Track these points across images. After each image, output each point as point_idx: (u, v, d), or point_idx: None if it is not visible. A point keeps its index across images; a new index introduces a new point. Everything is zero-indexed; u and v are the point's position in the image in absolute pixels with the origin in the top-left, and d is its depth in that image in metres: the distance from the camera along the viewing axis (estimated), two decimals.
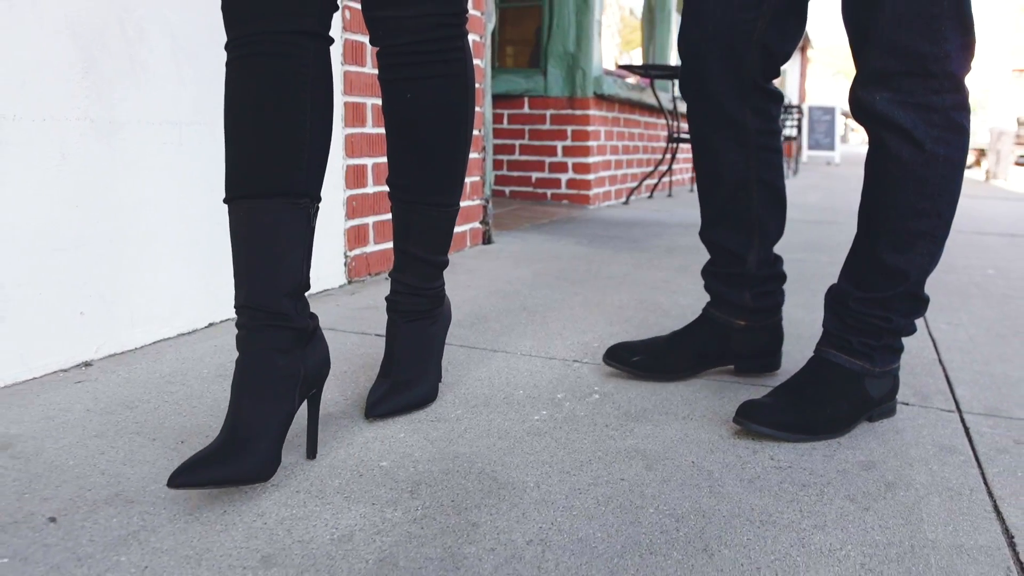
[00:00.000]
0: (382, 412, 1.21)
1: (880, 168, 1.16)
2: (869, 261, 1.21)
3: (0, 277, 1.33)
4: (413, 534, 0.89)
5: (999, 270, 2.79)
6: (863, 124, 1.18)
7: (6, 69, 1.32)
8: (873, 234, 1.20)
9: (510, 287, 2.26)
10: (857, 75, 1.15)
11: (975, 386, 1.45)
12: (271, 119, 1.00)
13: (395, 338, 1.26)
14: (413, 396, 1.25)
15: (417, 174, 1.22)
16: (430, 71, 1.18)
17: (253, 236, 1.01)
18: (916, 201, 1.15)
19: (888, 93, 1.11)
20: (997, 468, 1.10)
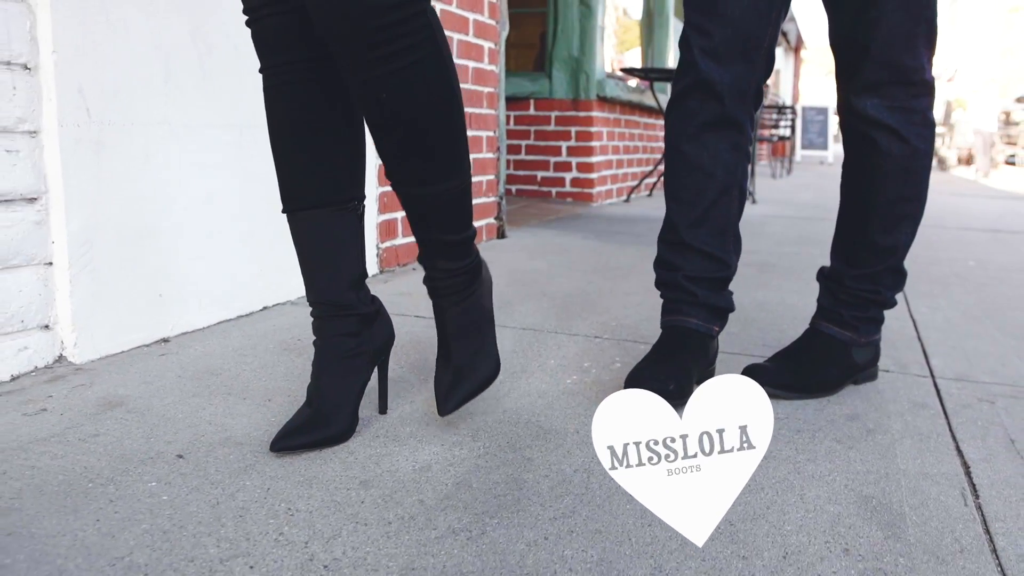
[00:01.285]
0: (453, 407, 1.19)
1: (872, 163, 1.35)
2: (861, 242, 1.39)
3: (98, 263, 1.52)
4: (480, 466, 1.09)
5: (979, 262, 3.00)
6: (855, 127, 1.36)
7: (104, 80, 1.51)
8: (864, 220, 1.38)
9: (528, 276, 2.46)
10: (848, 85, 1.34)
11: (948, 357, 1.65)
12: (312, 140, 1.14)
13: (445, 323, 1.23)
14: (477, 380, 1.21)
15: (420, 166, 1.12)
16: (398, 61, 1.04)
17: (313, 243, 1.17)
18: (903, 189, 1.35)
19: (877, 99, 1.30)
20: (961, 419, 1.30)
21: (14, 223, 1.41)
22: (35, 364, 1.46)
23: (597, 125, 4.79)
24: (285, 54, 1.12)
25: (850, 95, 1.33)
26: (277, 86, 1.14)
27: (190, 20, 1.68)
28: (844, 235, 1.44)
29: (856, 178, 1.41)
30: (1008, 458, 1.14)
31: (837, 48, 1.36)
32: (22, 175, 1.41)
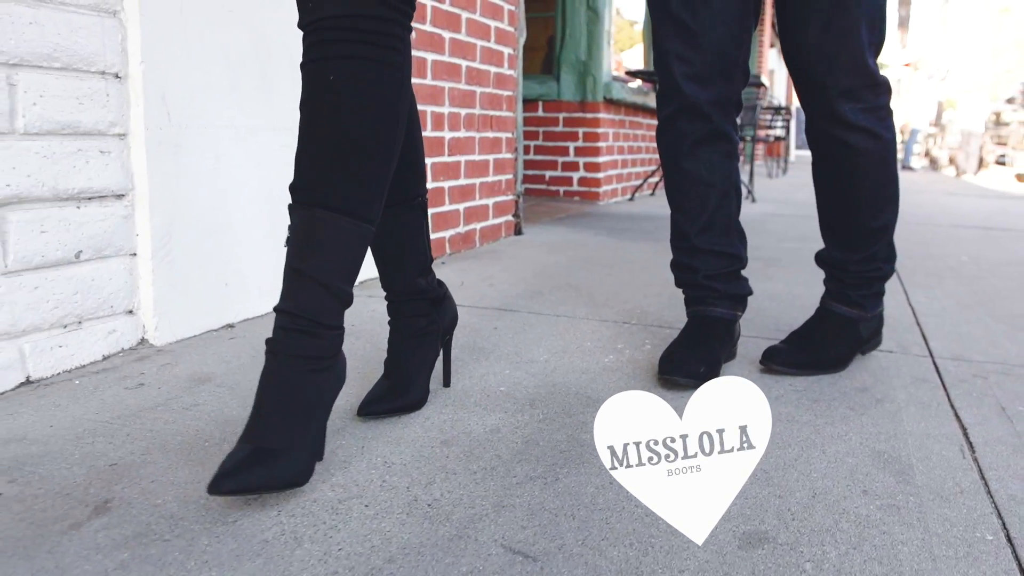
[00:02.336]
0: (227, 489, 0.93)
1: (853, 162, 1.46)
2: (856, 229, 1.53)
3: (176, 254, 1.68)
4: (542, 428, 1.25)
5: (972, 257, 3.17)
6: (832, 132, 1.44)
7: (182, 87, 1.66)
8: (854, 210, 1.51)
9: (552, 269, 2.62)
10: (823, 95, 1.41)
11: (945, 340, 1.82)
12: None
13: (267, 391, 0.99)
14: (272, 474, 0.95)
15: (329, 173, 1.02)
16: (360, 51, 1.01)
17: (385, 241, 1.27)
18: (882, 176, 1.49)
19: (852, 103, 1.40)
20: (958, 391, 1.46)
21: (106, 217, 1.56)
22: (122, 346, 1.61)
23: (603, 126, 4.95)
24: None
25: (830, 103, 1.41)
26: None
27: (253, 31, 1.84)
28: (836, 225, 1.56)
29: (836, 176, 1.51)
30: (1000, 422, 1.31)
31: (804, 62, 1.41)
32: (113, 174, 1.56)
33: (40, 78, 1.41)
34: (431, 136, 2.69)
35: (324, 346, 1.03)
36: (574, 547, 0.90)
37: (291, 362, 1.00)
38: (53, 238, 1.45)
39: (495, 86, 3.14)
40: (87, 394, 1.37)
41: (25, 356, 1.42)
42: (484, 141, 3.08)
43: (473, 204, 3.04)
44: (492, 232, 3.22)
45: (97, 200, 1.54)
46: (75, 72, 1.47)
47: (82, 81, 1.48)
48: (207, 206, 1.75)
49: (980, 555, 0.91)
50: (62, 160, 1.46)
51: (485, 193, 3.12)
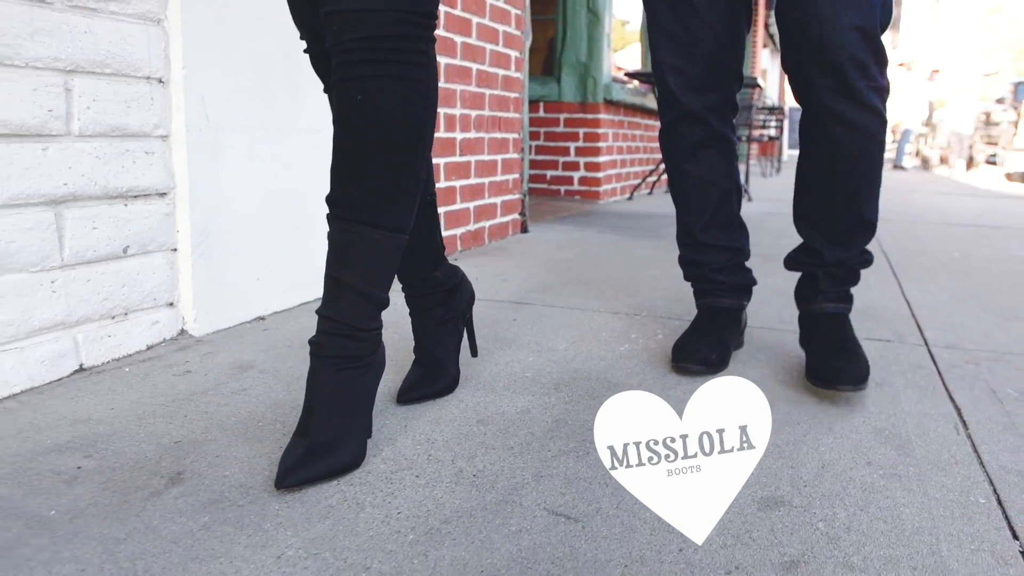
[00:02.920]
0: (293, 482, 1.03)
1: (856, 148, 1.41)
2: (854, 222, 1.49)
3: (213, 249, 1.77)
4: (569, 409, 1.35)
5: (963, 254, 3.28)
6: (840, 109, 1.37)
7: (219, 90, 1.75)
8: (854, 201, 1.47)
9: (561, 265, 2.72)
10: (837, 65, 1.33)
11: (938, 330, 1.92)
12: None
13: (315, 390, 1.08)
14: (332, 462, 1.07)
15: (362, 189, 1.08)
16: (386, 70, 1.05)
17: None
18: (878, 164, 1.46)
19: (865, 80, 1.35)
20: (952, 376, 1.57)
21: (150, 214, 1.65)
22: (164, 336, 1.71)
23: (604, 127, 5.05)
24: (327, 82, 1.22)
25: (842, 74, 1.34)
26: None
27: (281, 37, 1.93)
28: (832, 221, 1.50)
29: (837, 165, 1.44)
30: (991, 403, 1.41)
31: (814, 31, 1.33)
32: (157, 173, 1.65)
33: (93, 83, 1.50)
34: (444, 137, 2.79)
35: (363, 346, 1.12)
36: (610, 510, 1.00)
37: (335, 362, 1.09)
38: (104, 234, 1.54)
39: (503, 88, 3.23)
40: (139, 380, 1.46)
41: (79, 345, 1.51)
42: (492, 141, 3.18)
43: (482, 203, 3.13)
44: (500, 230, 3.32)
45: (142, 198, 1.63)
46: (124, 77, 1.56)
47: (130, 86, 1.57)
48: (240, 204, 1.84)
49: (974, 515, 1.01)
50: (112, 160, 1.55)
51: (493, 192, 3.22)
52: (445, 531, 0.95)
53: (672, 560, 0.89)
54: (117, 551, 0.89)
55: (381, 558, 0.88)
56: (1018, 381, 1.54)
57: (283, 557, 0.88)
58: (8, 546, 0.89)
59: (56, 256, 1.46)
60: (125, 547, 0.89)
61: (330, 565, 0.87)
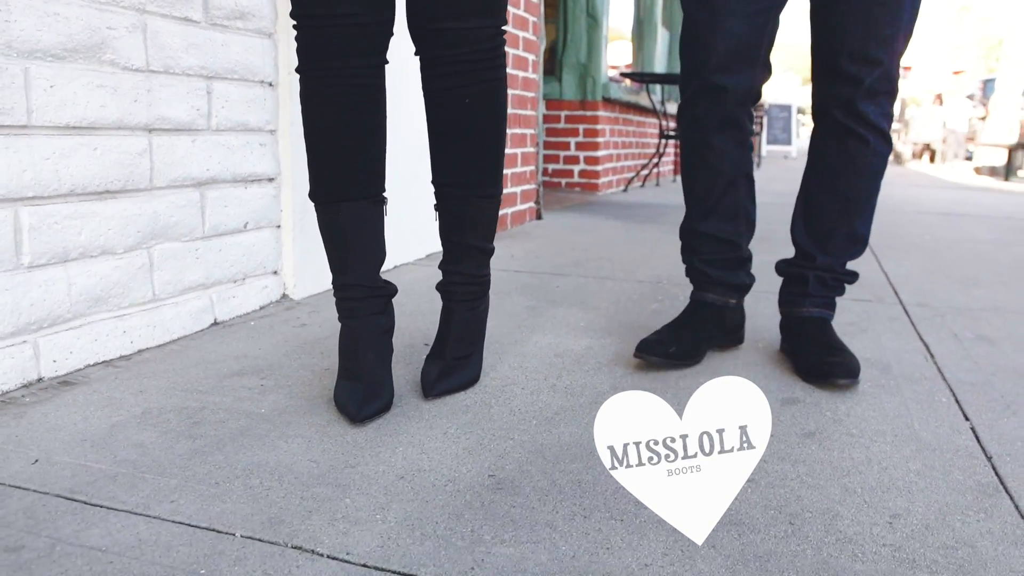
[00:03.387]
0: (439, 392, 1.35)
1: (864, 161, 1.51)
2: (848, 235, 1.57)
3: (307, 226, 2.10)
4: (623, 347, 1.70)
5: (933, 237, 3.68)
6: (856, 128, 1.48)
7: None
8: (851, 213, 1.56)
9: (581, 245, 3.07)
10: (854, 92, 1.46)
11: (911, 293, 2.30)
12: (365, 138, 1.26)
13: (450, 321, 1.39)
14: (467, 375, 1.40)
15: (473, 171, 1.34)
16: (485, 76, 1.29)
17: (357, 231, 1.27)
18: (880, 177, 1.56)
19: (875, 107, 1.47)
20: (922, 324, 1.94)
21: (263, 196, 1.98)
22: (270, 299, 2.04)
23: (602, 123, 5.41)
24: (346, 59, 1.21)
25: (854, 102, 1.47)
26: (330, 87, 1.23)
27: None
28: (828, 230, 1.58)
29: (844, 176, 1.54)
30: (953, 342, 1.79)
31: (841, 62, 1.45)
32: (268, 162, 1.98)
33: (226, 87, 1.83)
34: None
35: (480, 289, 1.44)
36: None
37: (462, 304, 1.41)
38: (232, 212, 1.87)
39: (522, 88, 3.58)
40: (268, 330, 1.79)
41: (214, 303, 1.84)
42: (513, 137, 3.52)
43: (505, 192, 3.48)
44: (519, 216, 3.66)
45: (257, 183, 1.96)
46: (246, 82, 1.89)
47: (250, 89, 1.90)
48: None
49: (937, 407, 1.38)
50: (238, 151, 1.88)
51: (514, 183, 3.57)
52: (557, 419, 1.30)
53: None
54: (327, 430, 1.23)
55: (516, 435, 1.23)
56: (975, 328, 1.92)
57: (448, 433, 1.23)
58: (243, 430, 1.23)
59: (199, 229, 1.78)
60: (332, 429, 1.23)
61: (483, 437, 1.22)
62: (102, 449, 1.14)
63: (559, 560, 0.88)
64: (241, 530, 0.92)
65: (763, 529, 0.96)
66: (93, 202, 1.51)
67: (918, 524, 0.98)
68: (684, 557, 0.89)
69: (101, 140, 1.52)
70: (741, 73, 1.50)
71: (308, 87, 1.25)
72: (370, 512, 0.97)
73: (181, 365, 1.53)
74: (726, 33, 1.46)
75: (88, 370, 1.49)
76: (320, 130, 1.25)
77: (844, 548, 0.92)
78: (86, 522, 0.94)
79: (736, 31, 1.46)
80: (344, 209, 1.26)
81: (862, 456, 1.17)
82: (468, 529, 0.94)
